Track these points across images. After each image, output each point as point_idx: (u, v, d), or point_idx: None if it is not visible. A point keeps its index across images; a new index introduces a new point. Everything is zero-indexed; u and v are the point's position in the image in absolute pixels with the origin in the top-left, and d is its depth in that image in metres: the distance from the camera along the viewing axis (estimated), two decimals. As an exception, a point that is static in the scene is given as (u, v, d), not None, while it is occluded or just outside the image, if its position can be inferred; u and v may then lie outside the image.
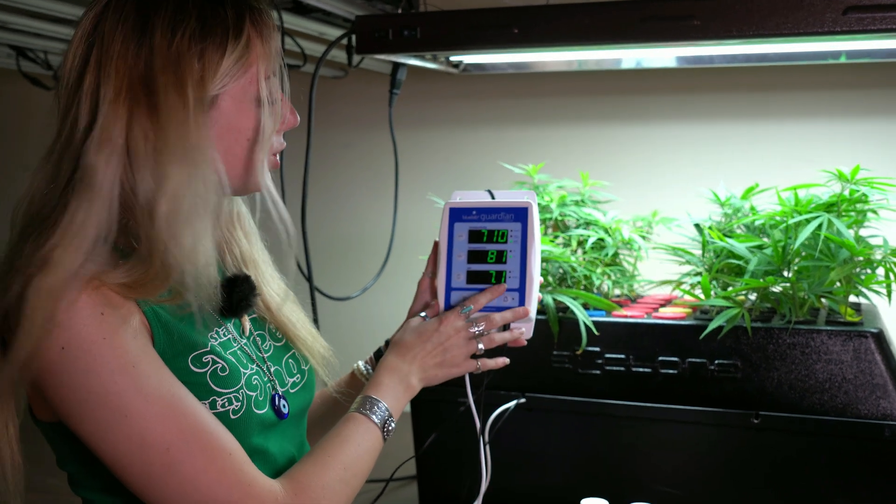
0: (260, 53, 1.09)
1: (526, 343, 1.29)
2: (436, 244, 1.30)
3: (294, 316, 1.25)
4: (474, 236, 1.26)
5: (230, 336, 1.14)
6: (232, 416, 1.07)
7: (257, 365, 1.15)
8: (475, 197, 1.28)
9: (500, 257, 1.25)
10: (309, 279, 1.83)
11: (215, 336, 1.12)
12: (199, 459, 1.00)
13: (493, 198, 1.28)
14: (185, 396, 1.02)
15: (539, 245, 1.25)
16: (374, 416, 1.15)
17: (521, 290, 1.25)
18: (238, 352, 1.13)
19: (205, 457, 1.01)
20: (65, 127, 1.05)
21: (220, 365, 1.08)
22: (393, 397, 1.18)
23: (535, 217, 1.25)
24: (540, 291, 1.59)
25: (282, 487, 1.05)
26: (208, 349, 1.08)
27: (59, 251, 0.99)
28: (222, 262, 1.19)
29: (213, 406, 1.06)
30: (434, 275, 1.30)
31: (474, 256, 1.26)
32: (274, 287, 1.25)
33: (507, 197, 1.28)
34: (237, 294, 1.14)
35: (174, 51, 1.03)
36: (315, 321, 1.83)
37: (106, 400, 0.98)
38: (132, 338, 1.01)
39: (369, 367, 1.35)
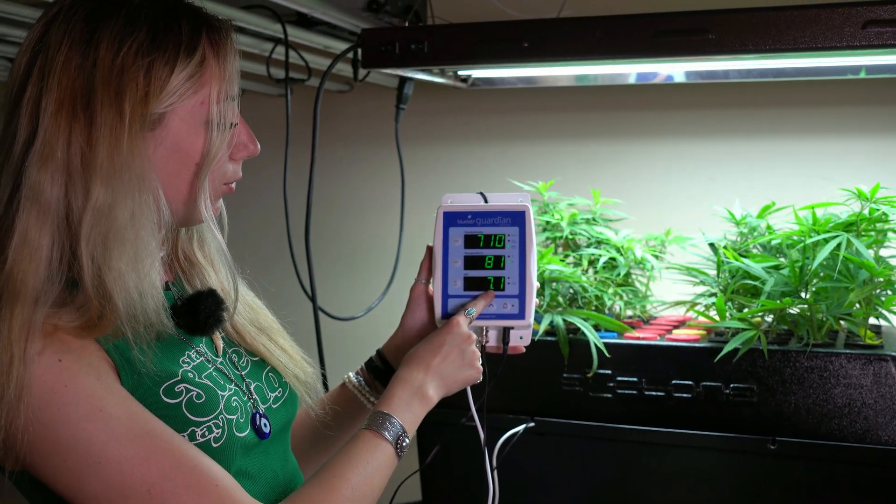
0: (215, 73, 1.07)
1: (524, 350, 1.29)
2: (429, 249, 1.29)
3: (271, 345, 1.23)
4: (470, 241, 1.26)
5: (203, 358, 1.12)
6: (214, 445, 1.05)
7: (236, 384, 1.14)
8: (467, 200, 1.28)
9: (498, 263, 1.25)
10: (312, 299, 1.83)
11: (187, 361, 1.09)
12: (185, 496, 0.98)
13: (485, 201, 1.28)
14: (162, 432, 1.00)
15: (535, 249, 1.25)
16: (385, 433, 1.12)
17: (521, 297, 1.25)
18: (214, 373, 1.11)
19: (190, 493, 0.98)
20: (6, 139, 1.03)
21: (195, 392, 1.06)
22: (406, 411, 1.16)
23: (532, 220, 1.25)
24: (550, 312, 1.60)
25: None
26: (179, 377, 1.06)
27: (18, 275, 0.98)
28: (186, 290, 1.17)
29: (192, 437, 1.04)
30: (428, 281, 1.30)
31: (471, 262, 1.26)
32: (246, 316, 1.22)
33: (500, 200, 1.28)
34: (203, 311, 1.12)
35: (118, 64, 1.01)
36: (318, 342, 1.83)
37: (76, 449, 0.96)
38: (95, 380, 0.99)
39: (361, 378, 1.34)
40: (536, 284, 1.26)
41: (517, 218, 1.25)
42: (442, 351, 1.20)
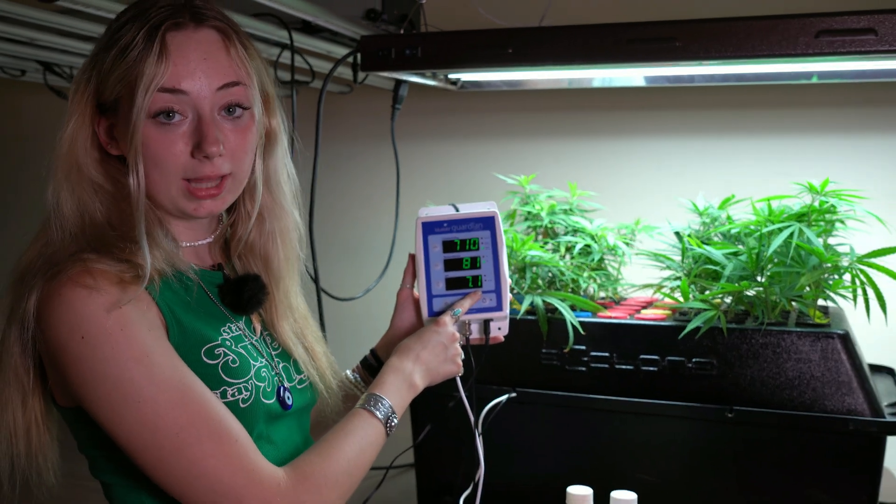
0: (150, 64, 1.06)
1: (503, 339, 1.31)
2: (411, 257, 1.31)
3: (301, 340, 1.24)
4: (448, 246, 1.27)
5: (241, 332, 1.14)
6: (241, 405, 1.08)
7: (266, 360, 1.16)
8: (441, 211, 1.30)
9: (475, 263, 1.27)
10: (315, 280, 1.83)
11: (227, 331, 1.12)
12: (207, 444, 1.00)
13: (456, 210, 1.29)
14: (196, 385, 1.02)
15: (505, 248, 1.27)
16: (377, 412, 1.14)
17: (498, 291, 1.27)
18: (249, 346, 1.14)
19: (212, 442, 1.01)
20: None
21: (231, 357, 1.09)
22: (396, 395, 1.18)
23: (501, 223, 1.27)
24: (531, 294, 1.60)
25: (285, 475, 1.05)
26: (219, 343, 1.09)
27: (49, 232, 1.06)
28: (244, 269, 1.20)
29: (223, 395, 1.06)
30: (412, 286, 1.31)
31: (450, 265, 1.27)
32: (283, 313, 1.21)
33: (470, 208, 1.29)
34: (247, 292, 1.14)
35: (91, 64, 1.09)
36: (321, 321, 1.83)
37: (121, 386, 0.99)
38: (147, 330, 1.01)
39: (357, 375, 1.36)
40: (509, 280, 1.28)
41: (488, 222, 1.27)
42: (429, 345, 1.22)
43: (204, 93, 1.06)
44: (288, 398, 1.16)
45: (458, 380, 1.27)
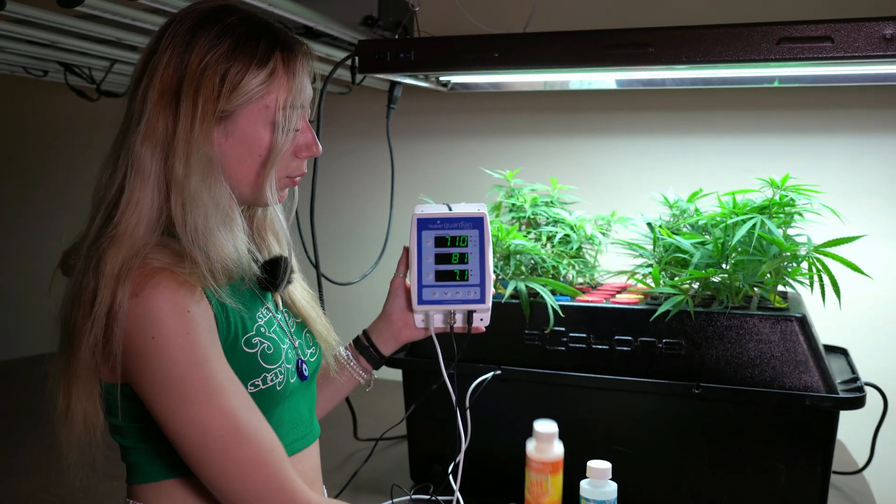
0: (282, 84, 1.09)
1: (484, 329, 1.32)
2: (405, 249, 1.32)
3: (314, 312, 1.27)
4: (440, 241, 1.28)
5: (270, 313, 1.15)
6: (277, 388, 1.10)
7: (289, 338, 1.17)
8: (435, 209, 1.30)
9: (463, 258, 1.27)
10: (316, 266, 1.84)
11: (261, 316, 1.13)
12: (247, 449, 1.01)
13: (449, 209, 1.30)
14: (241, 392, 1.04)
15: (492, 247, 1.27)
16: None
17: (482, 286, 1.27)
18: (277, 328, 1.15)
19: (252, 448, 1.02)
20: (125, 123, 1.08)
21: (267, 344, 1.10)
22: None
23: (489, 224, 1.28)
24: (514, 279, 1.61)
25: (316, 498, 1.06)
26: (254, 332, 1.10)
27: (122, 226, 1.03)
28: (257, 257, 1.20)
29: (263, 381, 1.08)
30: (405, 275, 1.32)
31: (440, 258, 1.28)
32: (298, 289, 1.26)
33: (462, 208, 1.30)
34: (281, 271, 1.15)
35: (201, 67, 1.05)
36: (321, 303, 1.84)
37: (180, 387, 0.99)
38: (207, 333, 1.02)
39: (348, 353, 1.38)
40: (493, 276, 1.28)
41: (477, 222, 1.28)
42: None
43: (307, 105, 1.14)
44: (305, 370, 1.18)
45: (442, 362, 1.28)
